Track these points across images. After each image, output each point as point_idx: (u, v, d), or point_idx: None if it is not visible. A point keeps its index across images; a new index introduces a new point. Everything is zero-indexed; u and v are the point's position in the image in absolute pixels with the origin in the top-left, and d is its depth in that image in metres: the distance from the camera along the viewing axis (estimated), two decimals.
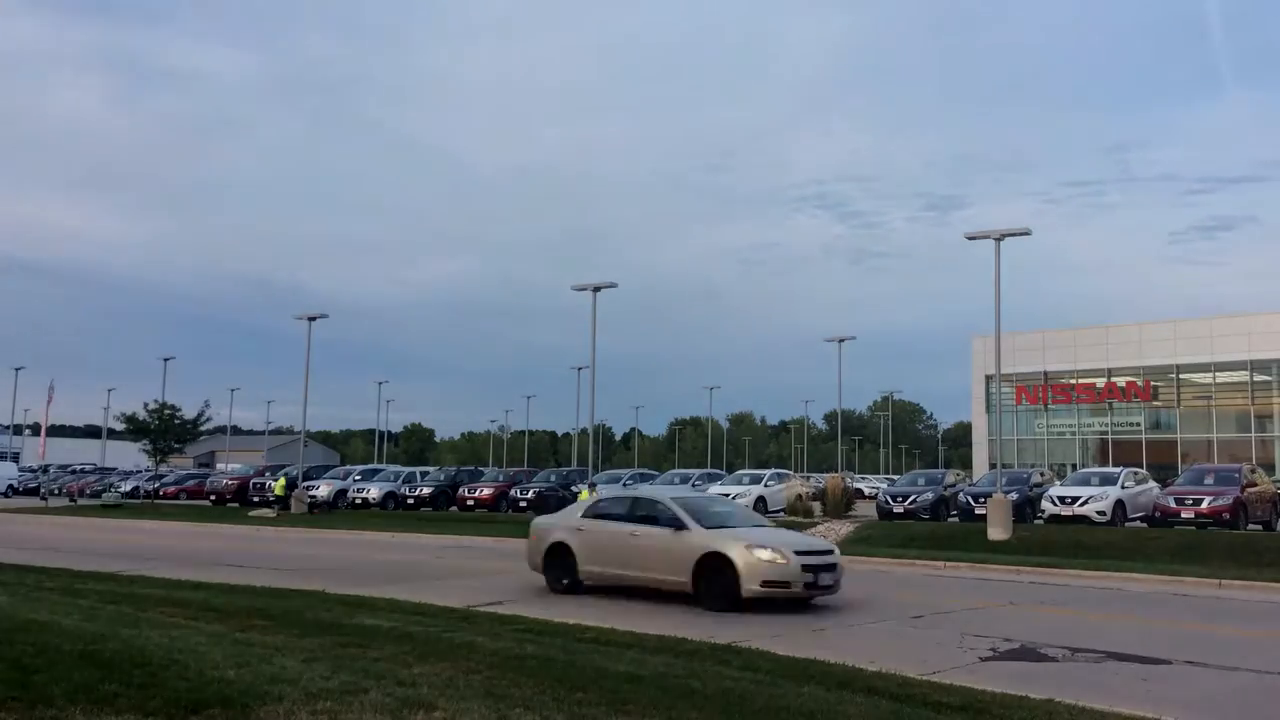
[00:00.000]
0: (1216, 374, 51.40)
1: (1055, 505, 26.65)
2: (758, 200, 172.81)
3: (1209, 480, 26.17)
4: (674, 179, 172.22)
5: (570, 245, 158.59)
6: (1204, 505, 24.56)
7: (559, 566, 14.86)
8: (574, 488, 35.69)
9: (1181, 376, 52.09)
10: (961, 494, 29.55)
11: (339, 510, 38.11)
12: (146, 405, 44.67)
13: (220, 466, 71.54)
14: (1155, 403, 53.33)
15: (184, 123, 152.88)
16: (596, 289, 34.26)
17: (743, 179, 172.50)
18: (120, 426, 46.61)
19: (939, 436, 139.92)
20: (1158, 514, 25.47)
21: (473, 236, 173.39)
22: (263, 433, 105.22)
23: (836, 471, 56.50)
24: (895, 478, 48.64)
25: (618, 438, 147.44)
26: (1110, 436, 54.03)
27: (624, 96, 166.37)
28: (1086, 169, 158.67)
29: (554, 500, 36.06)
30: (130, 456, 68.03)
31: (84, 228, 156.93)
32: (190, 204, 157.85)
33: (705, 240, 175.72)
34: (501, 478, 40.91)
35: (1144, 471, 31.88)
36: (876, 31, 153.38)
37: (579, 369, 65.55)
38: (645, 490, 19.65)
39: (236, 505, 41.25)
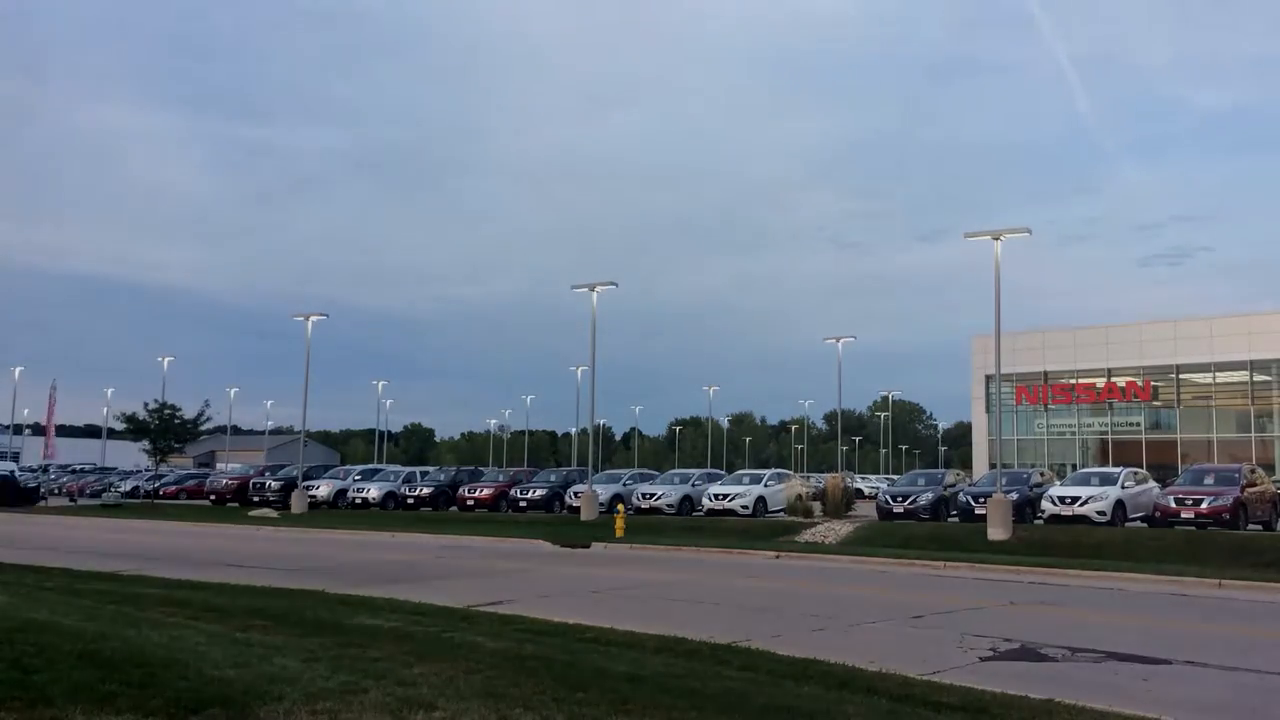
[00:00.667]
0: (1216, 374, 51.38)
1: (1055, 505, 26.64)
2: (761, 236, 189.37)
3: (1209, 480, 26.16)
4: (684, 225, 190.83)
5: (585, 268, 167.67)
6: (1204, 505, 24.55)
7: None
8: (574, 488, 35.70)
9: (1181, 376, 52.08)
10: (961, 494, 29.53)
11: (339, 510, 38.11)
12: (146, 405, 44.68)
13: (220, 466, 71.54)
14: (1155, 403, 53.31)
15: (269, 182, 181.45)
16: (594, 288, 34.27)
17: (746, 225, 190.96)
18: (120, 426, 46.59)
19: (939, 436, 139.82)
20: (1158, 514, 25.46)
21: (502, 266, 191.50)
22: (263, 433, 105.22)
23: (836, 471, 56.50)
24: (895, 478, 48.63)
25: (618, 438, 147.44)
26: (1110, 436, 54.03)
27: (642, 167, 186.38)
28: (1055, 209, 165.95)
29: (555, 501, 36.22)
30: (130, 456, 68.02)
31: (154, 255, 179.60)
32: (252, 237, 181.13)
33: (710, 264, 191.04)
34: (501, 478, 40.88)
35: (1144, 471, 31.85)
36: (866, 124, 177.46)
37: (579, 369, 65.81)
38: None
39: (236, 505, 41.25)
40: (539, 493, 36.57)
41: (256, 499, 40.50)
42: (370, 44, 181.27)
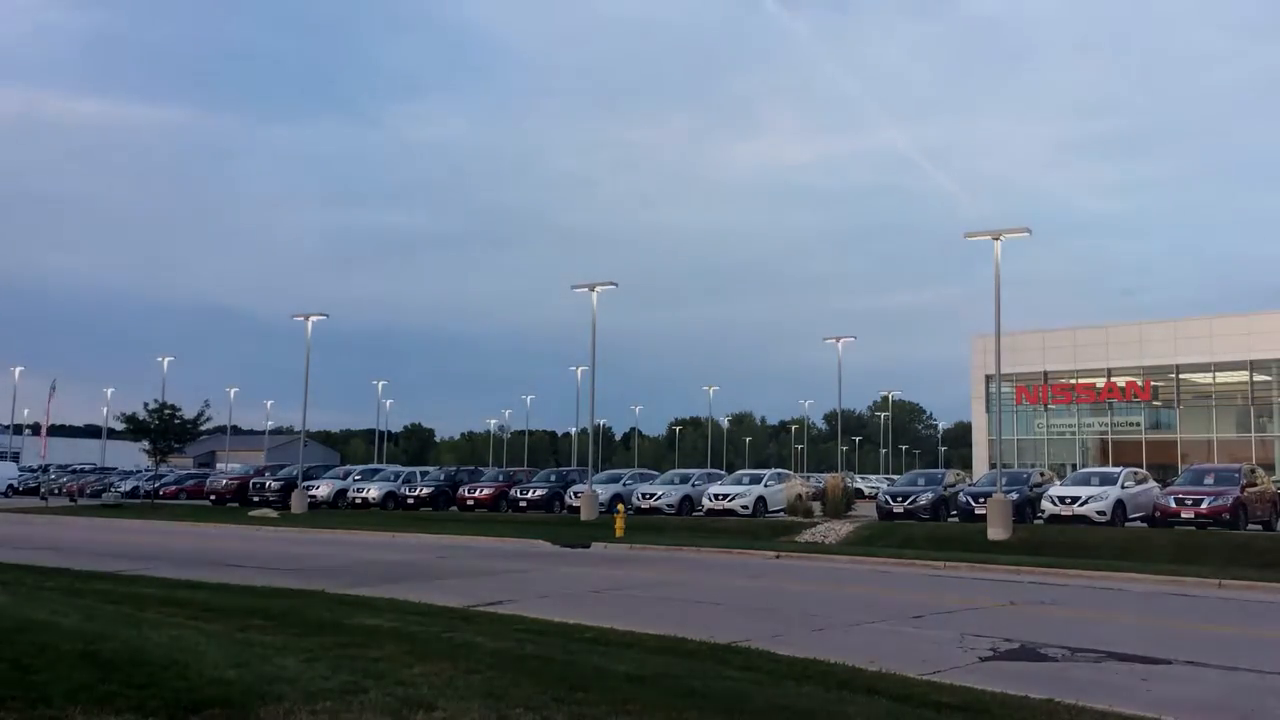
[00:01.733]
0: (1216, 374, 51.35)
1: (1055, 505, 26.63)
2: (762, 279, 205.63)
3: (1209, 480, 26.15)
4: (690, 274, 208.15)
5: (603, 301, 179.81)
6: (1204, 505, 24.55)
7: None
8: (574, 488, 35.69)
9: (1181, 376, 52.04)
10: (961, 494, 29.52)
11: (339, 510, 38.12)
12: (146, 405, 44.64)
13: (220, 467, 71.51)
14: (1155, 403, 53.28)
15: (367, 247, 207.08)
16: (594, 288, 34.26)
17: (749, 274, 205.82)
18: (120, 426, 46.57)
19: (939, 436, 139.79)
20: (1158, 514, 25.46)
21: (526, 301, 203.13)
22: (263, 433, 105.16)
23: (836, 471, 56.49)
24: (895, 478, 48.62)
25: (617, 438, 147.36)
26: (1110, 436, 54.00)
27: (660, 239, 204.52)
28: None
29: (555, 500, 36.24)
30: (130, 456, 67.97)
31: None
32: (330, 286, 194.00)
33: (714, 296, 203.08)
34: (501, 477, 40.89)
35: (1144, 471, 31.84)
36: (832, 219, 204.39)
37: (579, 369, 65.81)
38: None
39: (236, 505, 41.24)
40: (539, 493, 36.57)
41: (256, 499, 40.47)
42: (447, 157, 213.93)
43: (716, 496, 32.82)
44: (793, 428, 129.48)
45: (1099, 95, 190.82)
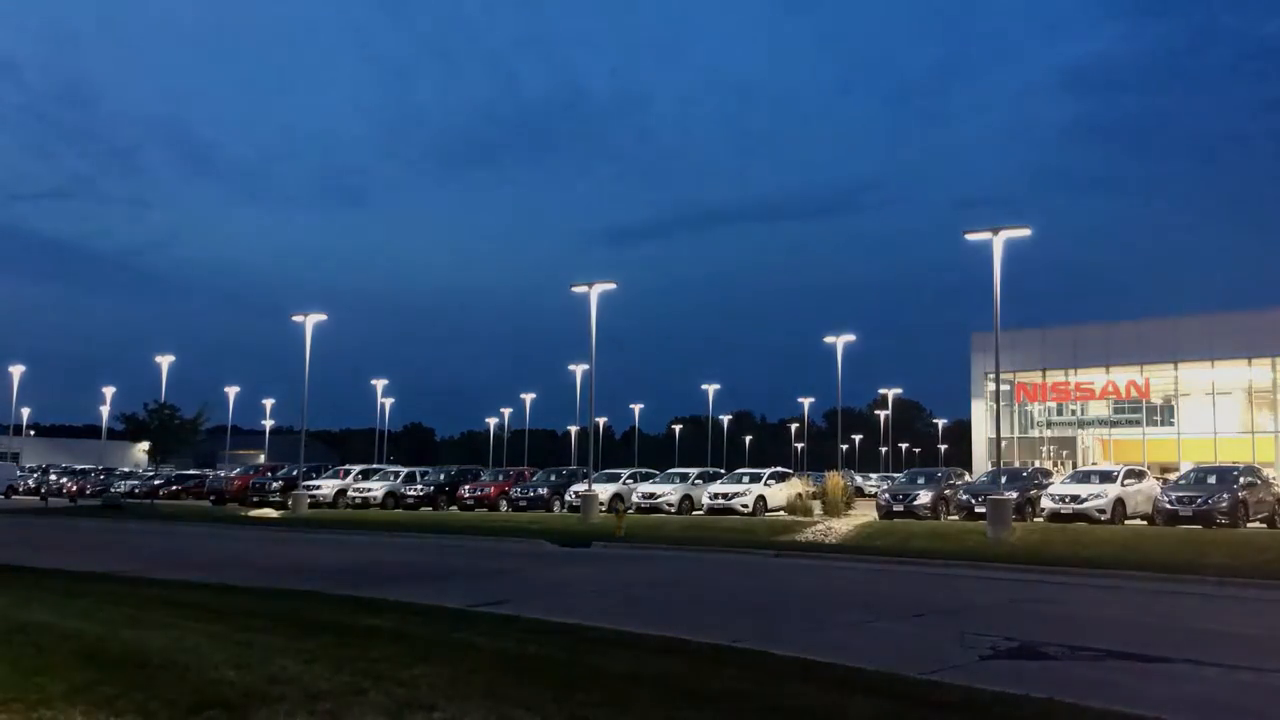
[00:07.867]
0: (1216, 372, 51.33)
1: (1055, 503, 26.66)
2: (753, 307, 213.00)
3: (1209, 479, 26.18)
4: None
5: (614, 320, 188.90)
6: (1203, 504, 24.56)
7: None
8: (574, 487, 35.69)
9: (1181, 374, 52.04)
10: (961, 492, 29.55)
11: (339, 509, 38.12)
12: (146, 405, 44.69)
13: (220, 466, 71.47)
14: (1155, 401, 53.27)
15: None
16: (593, 286, 34.26)
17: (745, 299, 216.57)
18: (120, 426, 46.62)
19: (939, 434, 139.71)
20: (1157, 512, 25.49)
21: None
22: (263, 433, 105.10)
23: (836, 470, 56.39)
24: (896, 476, 48.61)
25: (617, 436, 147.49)
26: (1110, 435, 54.01)
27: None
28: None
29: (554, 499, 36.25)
30: (133, 456, 67.93)
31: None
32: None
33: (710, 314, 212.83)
34: (501, 477, 40.92)
35: (1143, 469, 31.88)
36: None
37: (579, 368, 65.74)
38: None
39: (237, 505, 41.27)
40: (539, 492, 36.61)
41: (257, 499, 40.54)
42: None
43: (717, 495, 32.84)
44: (793, 426, 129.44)
45: None
